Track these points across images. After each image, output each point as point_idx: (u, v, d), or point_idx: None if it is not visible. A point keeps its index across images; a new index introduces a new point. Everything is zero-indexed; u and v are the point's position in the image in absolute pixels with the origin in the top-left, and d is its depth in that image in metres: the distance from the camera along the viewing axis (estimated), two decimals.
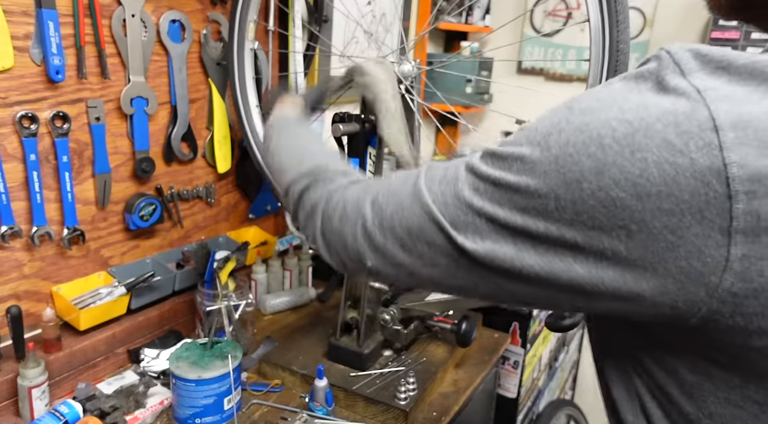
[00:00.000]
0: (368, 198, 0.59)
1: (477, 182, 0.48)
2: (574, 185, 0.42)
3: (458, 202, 0.49)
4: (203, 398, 0.98)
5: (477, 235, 0.48)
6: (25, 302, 1.06)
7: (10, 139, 0.99)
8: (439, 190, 0.51)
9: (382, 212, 0.56)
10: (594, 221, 0.42)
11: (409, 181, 0.55)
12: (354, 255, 0.59)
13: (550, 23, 2.34)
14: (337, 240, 0.62)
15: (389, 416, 1.05)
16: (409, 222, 0.53)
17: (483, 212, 0.47)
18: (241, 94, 1.31)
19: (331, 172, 0.70)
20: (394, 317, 1.15)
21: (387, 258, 0.56)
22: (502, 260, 0.46)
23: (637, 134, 0.40)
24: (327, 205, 0.64)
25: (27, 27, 0.97)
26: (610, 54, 0.86)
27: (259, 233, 1.54)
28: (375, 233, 0.56)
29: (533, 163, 0.44)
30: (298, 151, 0.79)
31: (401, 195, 0.55)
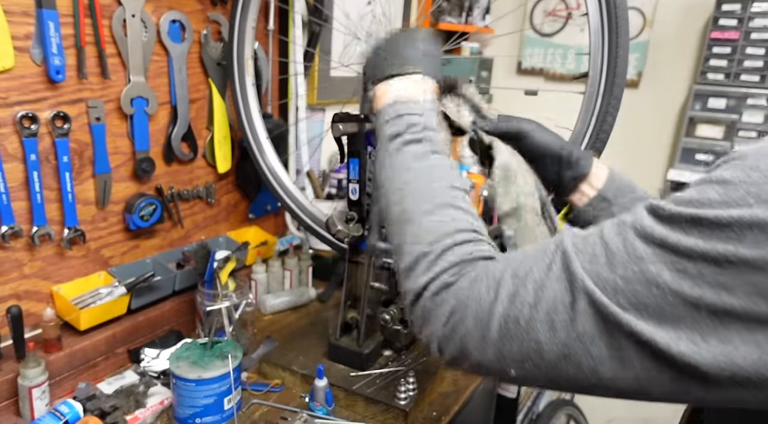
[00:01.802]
0: (518, 294, 0.44)
1: (680, 260, 0.36)
2: (748, 241, 0.33)
3: (656, 290, 0.36)
4: (203, 397, 0.98)
5: (695, 334, 0.35)
6: (25, 302, 1.06)
7: (10, 140, 0.99)
8: (611, 277, 0.39)
9: (533, 312, 0.43)
10: None
11: (556, 268, 0.42)
12: (490, 364, 0.46)
13: (550, 23, 2.34)
14: (471, 348, 0.47)
15: (389, 416, 1.05)
16: (576, 327, 0.40)
17: (703, 303, 0.35)
18: (241, 94, 1.31)
19: (472, 236, 0.54)
20: (394, 317, 1.15)
21: (540, 366, 0.43)
22: (740, 365, 0.34)
23: None
24: (456, 310, 0.48)
25: (27, 27, 0.98)
26: (609, 54, 0.86)
27: (259, 233, 1.54)
28: (521, 336, 0.43)
29: (710, 223, 0.34)
30: (430, 194, 0.58)
31: (553, 288, 0.42)
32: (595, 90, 0.91)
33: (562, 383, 0.43)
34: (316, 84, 1.66)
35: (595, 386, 0.41)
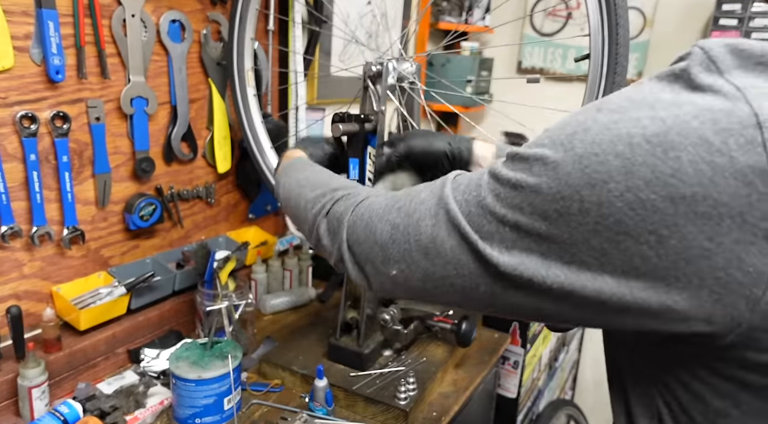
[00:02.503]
0: (395, 206, 0.56)
1: (498, 187, 0.45)
2: (599, 186, 0.38)
3: (482, 211, 0.46)
4: (203, 398, 0.98)
5: (503, 245, 0.44)
6: (25, 302, 1.06)
7: (10, 139, 0.99)
8: (463, 198, 0.48)
9: (408, 219, 0.53)
10: (621, 225, 0.38)
11: (435, 190, 0.53)
12: (379, 265, 0.57)
13: (550, 23, 2.34)
14: (363, 250, 0.59)
15: (389, 416, 1.05)
16: (435, 231, 0.50)
17: (506, 220, 0.44)
18: (241, 94, 1.31)
19: (352, 188, 0.69)
20: (394, 317, 1.15)
21: (412, 268, 0.53)
22: (530, 272, 0.43)
23: (671, 132, 0.37)
24: (353, 216, 0.62)
25: (27, 27, 0.97)
26: (609, 54, 0.86)
27: (259, 233, 1.54)
28: (400, 241, 0.54)
29: (555, 164, 0.41)
30: (315, 180, 0.78)
31: (428, 203, 0.52)
32: (595, 90, 0.91)
33: (426, 283, 0.52)
34: (316, 84, 1.65)
35: (447, 284, 0.50)
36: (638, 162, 0.37)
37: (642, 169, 0.37)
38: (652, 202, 0.37)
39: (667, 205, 0.37)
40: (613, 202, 0.38)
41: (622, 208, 0.38)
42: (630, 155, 0.38)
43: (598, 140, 0.39)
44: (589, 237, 0.40)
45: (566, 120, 0.44)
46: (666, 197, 0.37)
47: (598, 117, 0.41)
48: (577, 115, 0.43)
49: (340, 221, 0.64)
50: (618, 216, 0.38)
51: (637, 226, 0.38)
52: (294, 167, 0.89)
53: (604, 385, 0.60)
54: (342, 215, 0.64)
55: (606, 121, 0.40)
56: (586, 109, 0.43)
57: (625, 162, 0.38)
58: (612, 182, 0.38)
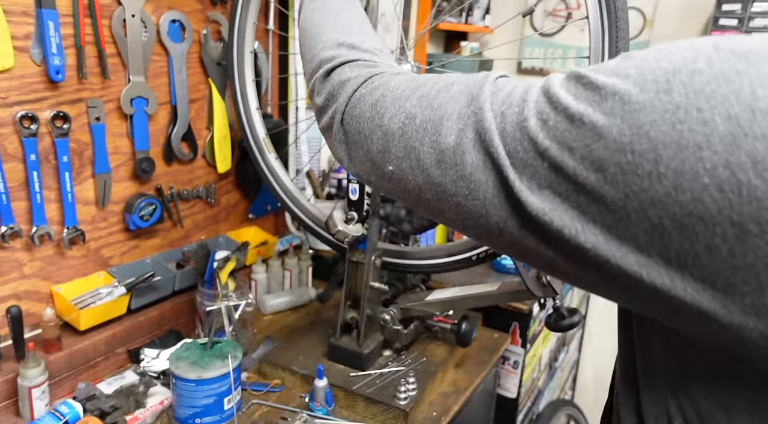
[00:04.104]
0: (417, 92, 0.47)
1: (549, 112, 0.36)
2: (690, 150, 0.30)
3: (520, 134, 0.38)
4: (203, 398, 0.98)
5: (534, 181, 0.37)
6: (25, 302, 1.06)
7: (10, 139, 0.99)
8: (501, 109, 0.40)
9: (430, 113, 0.44)
10: (698, 205, 0.31)
11: (472, 87, 0.43)
12: (375, 155, 0.49)
13: (550, 23, 2.34)
14: (361, 132, 0.51)
15: (389, 416, 1.05)
16: (459, 137, 0.41)
17: (548, 155, 0.36)
18: (241, 94, 1.31)
19: (373, 53, 0.59)
20: (394, 317, 1.15)
21: (414, 171, 0.45)
22: (561, 223, 0.36)
23: None
24: (362, 87, 0.52)
25: (27, 27, 0.97)
26: (609, 54, 0.86)
27: (259, 233, 1.54)
28: (412, 135, 0.45)
29: (639, 106, 0.32)
30: (342, 19, 0.65)
31: (459, 101, 0.43)
32: None
33: (425, 192, 0.44)
34: None
35: (452, 202, 0.43)
36: (754, 134, 0.29)
37: (755, 144, 0.29)
38: (753, 188, 0.29)
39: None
40: (700, 176, 0.30)
41: (707, 186, 0.30)
42: (746, 122, 0.30)
43: (709, 91, 0.31)
44: (650, 209, 0.32)
45: (667, 50, 0.34)
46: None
47: (715, 59, 0.32)
48: (685, 49, 0.34)
49: (342, 87, 0.55)
50: (699, 194, 0.30)
51: (719, 212, 0.30)
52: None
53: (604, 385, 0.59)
54: (349, 81, 0.54)
55: (725, 68, 0.31)
56: (698, 43, 0.34)
57: (735, 129, 0.30)
58: (708, 150, 0.30)
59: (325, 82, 0.57)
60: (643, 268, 0.33)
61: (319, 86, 0.58)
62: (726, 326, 0.32)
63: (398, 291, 1.25)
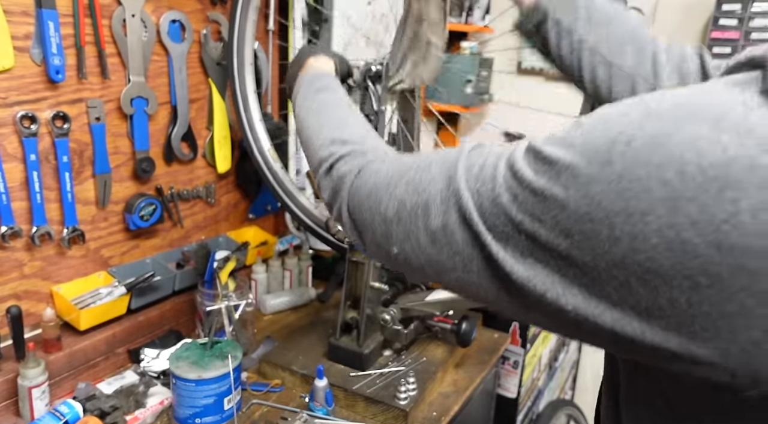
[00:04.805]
0: (402, 179, 0.51)
1: (516, 188, 0.39)
2: (636, 217, 0.33)
3: (496, 209, 0.41)
4: (203, 398, 0.98)
5: (517, 251, 0.40)
6: (25, 302, 1.06)
7: (10, 139, 0.99)
8: (476, 188, 0.43)
9: (417, 198, 0.48)
10: (653, 263, 0.33)
11: (448, 166, 0.47)
12: (380, 239, 0.53)
13: None
14: (365, 220, 0.55)
15: (389, 416, 1.05)
16: (445, 219, 0.45)
17: (523, 228, 0.39)
18: (241, 94, 1.31)
19: (360, 143, 0.64)
20: (394, 317, 1.15)
21: (416, 251, 0.48)
22: (540, 289, 0.39)
23: (733, 166, 0.31)
24: (357, 181, 0.57)
25: (27, 27, 0.97)
26: None
27: (259, 233, 1.54)
28: (407, 221, 0.49)
29: (588, 179, 0.35)
30: (335, 117, 0.72)
31: (438, 183, 0.46)
32: None
33: (429, 269, 0.48)
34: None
35: (452, 276, 0.46)
36: (687, 197, 0.32)
37: (690, 206, 0.32)
38: (694, 245, 0.32)
39: (712, 253, 0.32)
40: (649, 238, 0.33)
41: (657, 246, 0.33)
42: (679, 187, 0.32)
43: (644, 159, 0.34)
44: (614, 269, 0.35)
45: (605, 116, 0.38)
46: (712, 244, 0.32)
47: (646, 125, 0.35)
48: (620, 116, 0.37)
49: (341, 182, 0.60)
50: (651, 253, 0.33)
51: (672, 268, 0.33)
52: (316, 88, 0.82)
53: None
54: (345, 177, 0.59)
55: (655, 134, 0.34)
56: (629, 108, 0.37)
57: (671, 194, 0.33)
58: (652, 215, 0.33)
59: (327, 179, 0.63)
60: (618, 322, 0.36)
61: (323, 183, 0.64)
62: (699, 365, 0.35)
63: (398, 291, 1.25)
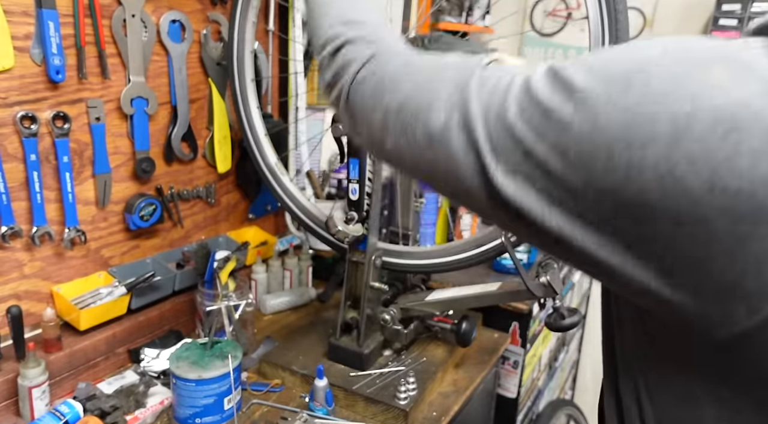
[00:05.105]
0: (414, 74, 0.50)
1: (526, 102, 0.39)
2: (636, 148, 0.34)
3: (500, 122, 0.40)
4: (203, 397, 0.98)
5: (509, 166, 0.40)
6: (25, 302, 1.06)
7: (10, 140, 0.99)
8: (487, 99, 0.42)
9: (424, 95, 0.47)
10: (642, 196, 0.34)
11: (462, 74, 0.46)
12: (375, 131, 0.52)
13: (550, 23, 2.34)
14: (364, 109, 0.54)
15: (389, 416, 1.05)
16: (447, 121, 0.44)
17: (522, 142, 0.39)
18: (241, 94, 1.31)
19: (382, 34, 0.60)
20: (394, 317, 1.15)
21: (411, 146, 0.48)
22: (528, 206, 0.39)
23: (742, 113, 0.32)
24: (364, 68, 0.55)
25: (27, 27, 0.97)
26: None
27: (259, 233, 1.54)
28: (407, 114, 0.48)
29: (598, 103, 0.36)
30: None
31: (449, 86, 0.46)
32: None
33: (420, 167, 0.48)
34: (315, 84, 1.65)
35: (442, 178, 0.46)
36: (691, 136, 0.33)
37: (691, 145, 0.32)
38: (686, 183, 0.33)
39: (703, 193, 0.32)
40: (644, 171, 0.34)
41: (650, 180, 0.34)
42: (685, 124, 0.33)
43: (659, 92, 0.34)
44: (604, 195, 0.36)
45: (628, 49, 0.38)
46: (705, 183, 0.32)
47: (668, 62, 0.35)
48: (642, 49, 0.37)
49: (347, 66, 0.57)
50: (642, 186, 0.34)
51: (659, 202, 0.34)
52: None
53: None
54: (352, 63, 0.57)
55: (676, 72, 0.34)
56: (651, 46, 0.37)
57: (676, 130, 0.33)
58: (652, 147, 0.33)
59: (332, 60, 0.59)
60: (601, 248, 0.37)
61: (327, 63, 0.60)
62: (669, 303, 0.37)
63: (398, 291, 1.25)
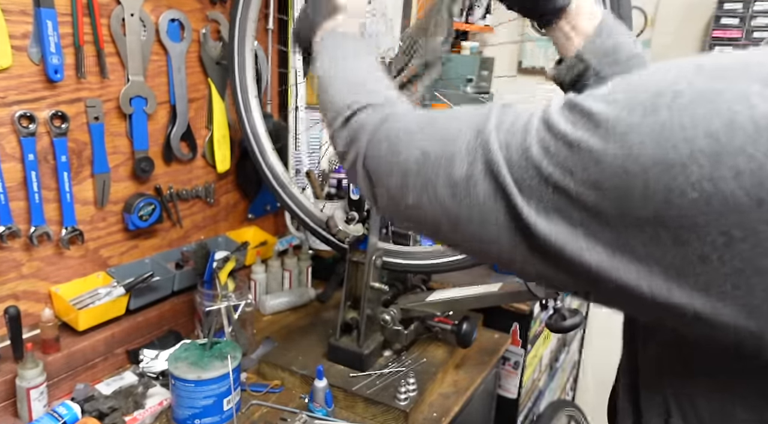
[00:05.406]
0: (429, 129, 0.50)
1: (549, 139, 0.39)
2: (677, 169, 0.32)
3: (525, 162, 0.40)
4: (202, 398, 0.98)
5: (541, 205, 0.39)
6: (23, 303, 1.06)
7: (8, 139, 0.99)
8: (506, 140, 0.42)
9: (443, 148, 0.47)
10: (687, 219, 0.33)
11: (478, 119, 0.46)
12: (395, 190, 0.51)
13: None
14: (381, 170, 0.53)
15: (389, 417, 1.04)
16: (470, 170, 0.43)
17: (551, 180, 0.38)
18: (241, 93, 1.30)
19: (392, 98, 0.61)
20: (394, 318, 1.15)
21: (432, 203, 0.47)
22: (565, 244, 0.38)
23: None
24: (379, 133, 0.55)
25: (25, 26, 0.97)
26: None
27: (259, 233, 1.53)
28: (428, 170, 0.47)
29: (628, 129, 0.34)
30: (354, 69, 0.68)
31: (467, 135, 0.45)
32: None
33: (443, 223, 0.47)
34: (316, 84, 1.65)
35: (467, 231, 0.45)
36: (734, 148, 0.31)
37: (737, 158, 0.31)
38: (735, 198, 0.31)
39: (752, 206, 0.31)
40: (686, 192, 0.32)
41: (695, 200, 0.32)
42: (726, 138, 0.31)
43: (691, 111, 0.33)
44: (644, 224, 0.34)
45: (651, 73, 0.37)
46: (754, 197, 0.31)
47: (696, 81, 0.34)
48: (668, 72, 0.36)
49: (361, 130, 0.57)
50: (687, 207, 0.32)
51: (707, 223, 0.32)
52: (342, 37, 0.76)
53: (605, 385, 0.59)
54: (365, 126, 0.57)
55: (705, 89, 0.33)
56: (680, 66, 0.36)
57: (716, 145, 0.32)
58: (693, 166, 0.32)
59: (343, 130, 0.60)
60: (642, 280, 0.35)
61: (338, 133, 0.61)
62: (721, 328, 0.35)
63: (398, 291, 1.25)
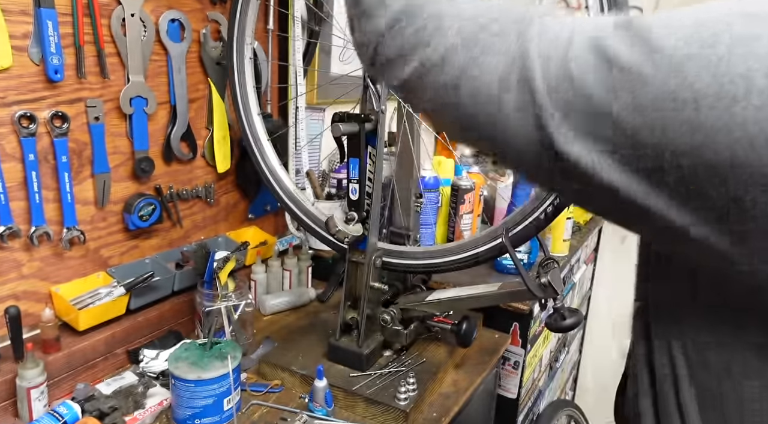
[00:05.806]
0: (474, 16, 0.45)
1: (596, 58, 0.37)
2: (726, 101, 0.32)
3: (563, 75, 0.38)
4: (202, 398, 0.98)
5: (572, 123, 0.38)
6: (23, 303, 1.06)
7: (8, 139, 0.99)
8: (548, 50, 0.40)
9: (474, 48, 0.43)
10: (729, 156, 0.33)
11: (521, 21, 0.43)
12: (431, 62, 0.46)
13: None
14: (410, 40, 0.48)
15: (389, 417, 1.04)
16: (504, 72, 0.41)
17: (592, 100, 0.37)
18: (241, 93, 1.30)
19: None
20: (394, 318, 1.15)
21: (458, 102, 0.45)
22: (590, 167, 0.38)
23: None
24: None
25: (25, 26, 0.97)
26: None
27: (259, 233, 1.53)
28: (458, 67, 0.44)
29: (684, 59, 0.34)
30: None
31: (509, 35, 0.43)
32: None
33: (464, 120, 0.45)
34: (315, 83, 1.65)
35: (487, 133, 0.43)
36: None
37: None
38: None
39: None
40: (733, 130, 0.32)
41: (739, 139, 0.32)
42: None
43: (750, 47, 0.32)
44: (683, 156, 0.34)
45: (713, 6, 0.36)
46: None
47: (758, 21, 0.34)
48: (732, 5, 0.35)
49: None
50: (731, 146, 0.32)
51: (749, 164, 0.32)
52: None
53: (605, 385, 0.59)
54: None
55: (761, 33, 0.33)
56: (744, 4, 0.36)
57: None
58: (744, 102, 0.32)
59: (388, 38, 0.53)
60: (669, 211, 0.36)
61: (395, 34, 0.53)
62: (742, 271, 0.36)
63: (398, 291, 1.25)
